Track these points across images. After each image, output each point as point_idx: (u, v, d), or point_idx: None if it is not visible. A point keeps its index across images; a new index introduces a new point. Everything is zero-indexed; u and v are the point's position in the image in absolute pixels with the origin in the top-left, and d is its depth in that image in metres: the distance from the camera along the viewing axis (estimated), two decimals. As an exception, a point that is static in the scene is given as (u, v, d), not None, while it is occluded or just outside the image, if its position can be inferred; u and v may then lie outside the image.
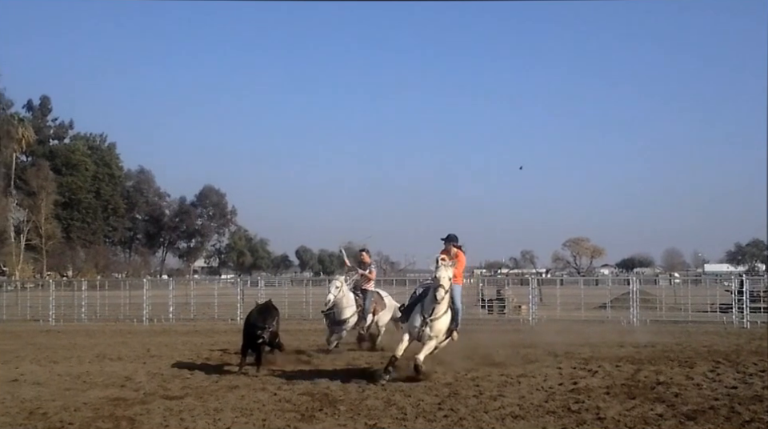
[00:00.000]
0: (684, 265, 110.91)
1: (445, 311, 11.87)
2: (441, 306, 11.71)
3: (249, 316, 13.19)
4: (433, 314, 11.72)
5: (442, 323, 11.88)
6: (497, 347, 16.37)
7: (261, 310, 13.20)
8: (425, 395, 10.36)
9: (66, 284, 33.00)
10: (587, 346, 16.59)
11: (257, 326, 12.53)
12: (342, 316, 15.92)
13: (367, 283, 16.69)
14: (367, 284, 16.69)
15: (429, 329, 11.71)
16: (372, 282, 16.91)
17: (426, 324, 11.71)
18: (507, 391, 10.66)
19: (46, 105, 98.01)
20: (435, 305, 11.65)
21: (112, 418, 9.04)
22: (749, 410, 9.13)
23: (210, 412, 9.35)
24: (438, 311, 11.74)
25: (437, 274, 11.63)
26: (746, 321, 23.67)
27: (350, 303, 16.07)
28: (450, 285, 11.84)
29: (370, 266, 16.91)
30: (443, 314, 11.84)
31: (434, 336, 11.78)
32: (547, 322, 24.73)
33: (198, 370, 12.95)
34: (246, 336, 12.85)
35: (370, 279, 16.74)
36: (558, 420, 8.70)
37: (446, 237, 12.61)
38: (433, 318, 11.72)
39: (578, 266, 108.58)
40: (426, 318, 11.73)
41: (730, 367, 12.90)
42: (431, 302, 11.70)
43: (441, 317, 11.82)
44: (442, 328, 11.92)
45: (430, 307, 11.73)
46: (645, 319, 24.77)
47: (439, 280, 11.56)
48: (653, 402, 9.68)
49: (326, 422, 8.71)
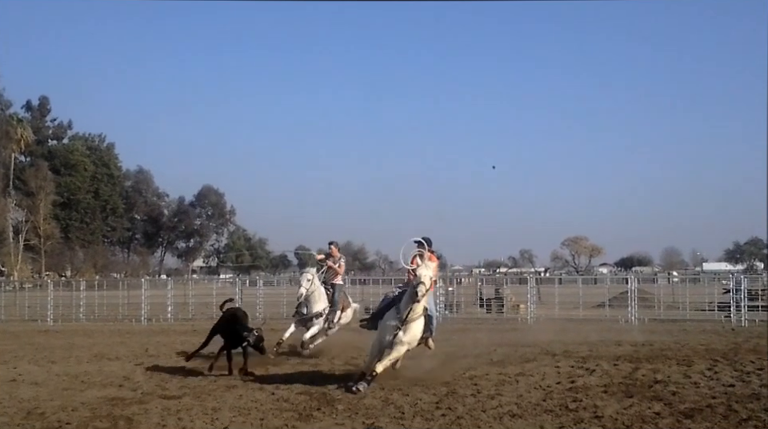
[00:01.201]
0: (683, 264, 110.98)
1: (420, 315, 11.10)
2: (419, 306, 10.94)
3: (228, 318, 12.83)
4: (409, 316, 10.90)
5: (417, 328, 11.10)
6: (495, 346, 16.42)
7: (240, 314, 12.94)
8: (423, 394, 10.35)
9: (65, 284, 32.98)
10: (585, 345, 16.61)
11: (243, 328, 12.29)
12: (313, 311, 15.43)
13: (335, 277, 16.23)
14: (336, 278, 16.23)
15: (403, 333, 10.91)
16: (340, 276, 16.46)
17: (400, 327, 10.91)
18: (505, 390, 10.67)
19: (44, 105, 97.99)
20: (413, 305, 10.83)
21: (110, 417, 9.04)
22: (746, 408, 9.14)
23: (207, 412, 9.35)
24: (415, 312, 10.95)
25: (418, 272, 10.86)
26: (743, 319, 23.69)
27: (322, 297, 15.61)
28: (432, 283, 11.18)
29: (339, 259, 16.44)
30: (419, 316, 11.08)
31: (406, 342, 11.00)
32: (545, 321, 24.75)
33: (195, 369, 12.92)
34: (229, 337, 12.44)
35: (338, 273, 16.29)
36: (556, 419, 8.71)
37: (419, 240, 11.97)
38: (408, 321, 10.92)
39: (577, 265, 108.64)
40: (401, 321, 10.92)
41: (728, 366, 12.90)
42: (409, 302, 10.88)
43: (417, 319, 11.05)
44: (416, 334, 11.15)
45: (407, 307, 10.89)
46: (643, 318, 24.81)
47: (420, 277, 10.77)
48: (650, 401, 9.69)
49: (323, 422, 8.71)
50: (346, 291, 17.20)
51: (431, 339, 11.83)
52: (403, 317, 10.88)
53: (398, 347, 10.95)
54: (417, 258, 11.44)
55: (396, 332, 10.91)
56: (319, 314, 15.46)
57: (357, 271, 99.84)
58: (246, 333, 12.17)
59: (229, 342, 12.44)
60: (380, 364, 10.82)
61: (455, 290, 32.46)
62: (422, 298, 10.75)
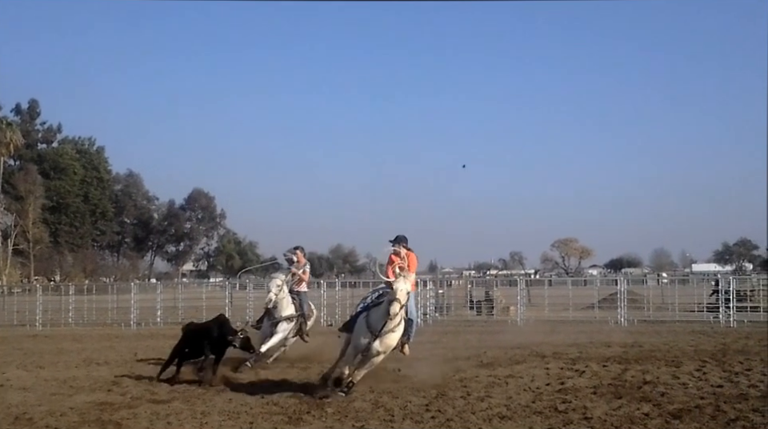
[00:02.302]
0: (672, 265, 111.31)
1: (398, 324, 10.56)
2: (394, 320, 10.37)
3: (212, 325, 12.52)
4: (384, 328, 10.38)
5: (393, 338, 10.62)
6: (485, 348, 16.46)
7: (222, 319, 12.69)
8: (412, 397, 10.37)
9: (54, 288, 32.96)
10: (575, 347, 16.69)
11: (227, 331, 12.12)
12: (283, 313, 14.59)
13: (300, 285, 15.41)
14: (300, 285, 15.42)
15: (378, 343, 10.46)
16: (305, 283, 15.64)
17: (376, 339, 10.43)
18: (494, 392, 10.69)
19: (34, 109, 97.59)
20: (387, 320, 10.27)
21: (98, 422, 9.02)
22: (734, 408, 9.18)
23: (196, 416, 9.34)
24: (389, 325, 10.38)
25: (395, 286, 10.27)
26: (732, 320, 23.80)
27: (290, 305, 14.79)
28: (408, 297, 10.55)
29: (304, 265, 15.60)
30: (396, 326, 10.54)
31: (382, 352, 10.56)
32: (535, 323, 24.84)
33: (185, 374, 12.87)
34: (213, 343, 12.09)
35: (303, 280, 15.47)
36: (545, 420, 8.73)
37: (394, 238, 11.65)
38: (384, 332, 10.43)
39: (567, 267, 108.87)
40: (376, 333, 10.44)
41: (716, 366, 12.97)
42: (383, 317, 10.33)
43: (394, 330, 10.54)
44: (391, 344, 10.66)
45: (381, 321, 10.38)
46: (632, 319, 24.92)
47: (396, 293, 10.17)
48: (639, 402, 9.72)
49: (313, 425, 8.71)
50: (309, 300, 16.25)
51: (407, 345, 11.21)
52: (378, 329, 10.38)
53: (373, 357, 10.55)
54: (394, 268, 10.99)
55: (370, 342, 10.45)
56: (290, 318, 14.72)
57: (347, 274, 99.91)
58: (231, 337, 12.02)
59: (212, 350, 12.06)
60: (358, 373, 10.57)
61: (445, 292, 32.54)
62: (395, 315, 10.20)
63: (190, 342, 12.44)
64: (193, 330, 12.70)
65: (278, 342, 14.51)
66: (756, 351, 15.27)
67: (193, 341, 12.39)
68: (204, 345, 12.09)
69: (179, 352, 12.50)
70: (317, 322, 16.68)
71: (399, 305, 10.13)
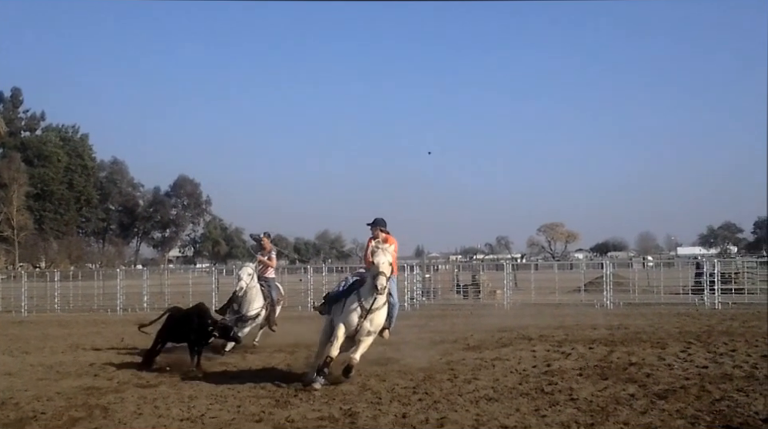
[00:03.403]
0: (657, 248, 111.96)
1: (384, 303, 10.30)
2: (382, 296, 10.11)
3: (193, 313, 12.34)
4: (374, 305, 10.11)
5: (381, 316, 10.33)
6: (471, 331, 16.51)
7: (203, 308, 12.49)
8: (400, 380, 10.39)
9: (39, 275, 32.79)
10: (561, 329, 16.76)
11: (209, 319, 12.02)
12: (250, 310, 14.24)
13: (267, 271, 15.22)
14: (267, 271, 15.23)
15: (369, 323, 10.16)
16: (272, 269, 15.50)
17: (366, 317, 10.13)
18: (481, 374, 10.73)
19: (17, 97, 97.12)
20: (376, 295, 10.00)
21: (85, 407, 8.99)
22: (719, 388, 9.25)
23: (184, 400, 9.32)
24: (378, 302, 10.14)
25: (375, 260, 9.99)
26: (717, 302, 23.95)
27: (259, 295, 14.43)
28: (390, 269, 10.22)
29: (270, 252, 15.50)
30: (383, 305, 10.29)
31: (373, 331, 10.26)
32: (522, 307, 24.94)
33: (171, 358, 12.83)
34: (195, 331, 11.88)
35: (270, 266, 15.32)
36: (532, 402, 8.76)
37: (372, 222, 11.32)
38: (374, 309, 10.13)
39: (553, 251, 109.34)
40: (365, 310, 10.11)
41: (701, 348, 13.05)
42: (370, 292, 10.05)
43: (381, 308, 10.26)
44: (380, 322, 10.37)
45: (371, 298, 10.08)
46: (618, 302, 25.04)
47: (379, 267, 9.89)
48: (625, 383, 9.78)
49: (300, 408, 8.71)
50: (278, 284, 16.06)
51: (387, 330, 10.82)
52: (368, 307, 10.08)
53: (365, 338, 10.20)
54: (371, 243, 10.63)
55: (361, 322, 10.13)
56: (256, 316, 14.37)
57: (333, 260, 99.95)
58: (210, 327, 11.90)
59: (193, 339, 11.90)
60: (355, 354, 10.08)
61: (432, 276, 32.60)
62: (384, 289, 9.87)
63: (173, 328, 12.32)
64: (175, 316, 12.56)
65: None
66: (740, 333, 15.37)
67: (176, 327, 12.26)
68: (187, 333, 11.97)
69: (163, 337, 12.39)
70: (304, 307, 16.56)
71: (385, 277, 9.85)
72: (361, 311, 10.14)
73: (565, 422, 7.73)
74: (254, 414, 8.34)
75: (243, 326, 14.05)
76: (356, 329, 10.17)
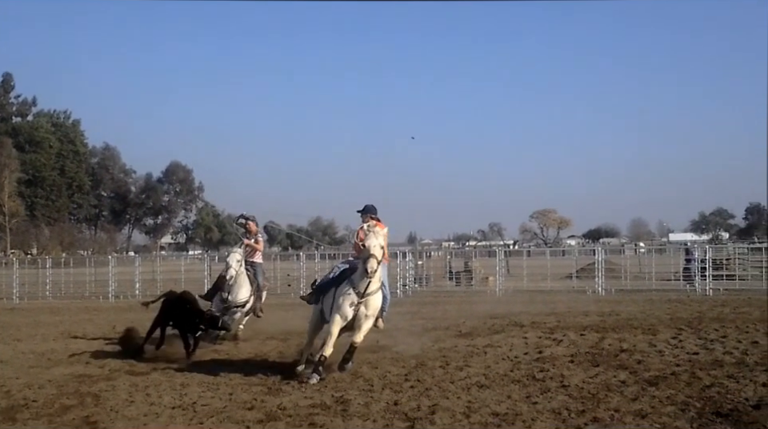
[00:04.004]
0: (649, 234, 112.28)
1: (379, 287, 10.05)
2: (374, 280, 9.79)
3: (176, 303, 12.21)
4: (368, 289, 9.82)
5: (377, 300, 10.05)
6: (463, 318, 16.54)
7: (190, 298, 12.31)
8: (392, 367, 10.40)
9: (30, 262, 32.71)
10: (553, 316, 16.80)
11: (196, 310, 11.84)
12: (238, 298, 13.78)
13: (254, 255, 14.83)
14: (254, 256, 14.83)
15: (365, 307, 9.86)
16: (259, 253, 15.11)
17: (361, 302, 9.83)
18: (473, 361, 10.73)
19: (8, 82, 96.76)
20: (368, 280, 9.70)
21: (77, 394, 8.98)
22: (709, 375, 9.28)
23: (176, 387, 9.32)
24: (372, 287, 9.85)
25: (366, 243, 9.72)
26: (708, 289, 24.04)
27: (246, 282, 13.97)
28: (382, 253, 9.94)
29: (256, 235, 15.04)
30: (377, 289, 10.01)
31: (370, 315, 9.96)
32: (514, 293, 25.01)
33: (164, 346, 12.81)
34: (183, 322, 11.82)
35: (257, 250, 14.93)
36: (523, 389, 8.78)
37: (362, 209, 11.24)
38: (368, 294, 9.84)
39: (546, 238, 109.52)
40: (360, 295, 9.81)
41: (692, 334, 13.08)
42: (362, 277, 9.74)
43: (376, 292, 9.99)
44: (377, 306, 10.08)
45: (363, 282, 9.79)
46: (610, 289, 25.12)
47: (369, 249, 9.63)
48: (616, 369, 9.80)
49: (292, 395, 8.71)
50: (264, 269, 15.72)
51: (381, 319, 10.60)
52: (362, 291, 9.79)
53: (363, 322, 9.90)
54: (362, 229, 10.47)
55: (357, 307, 9.83)
56: (245, 303, 13.94)
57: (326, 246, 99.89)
58: (198, 319, 11.68)
59: (183, 327, 11.84)
60: (357, 336, 9.91)
61: (424, 263, 32.64)
62: (374, 272, 9.58)
63: (169, 314, 12.19)
64: (171, 300, 12.42)
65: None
66: (731, 319, 15.42)
67: (171, 313, 12.15)
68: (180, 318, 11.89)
69: (160, 323, 12.27)
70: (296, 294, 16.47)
71: (376, 261, 9.56)
72: (354, 299, 9.82)
73: (556, 408, 7.75)
74: (246, 402, 8.34)
75: (234, 313, 13.77)
76: (353, 317, 9.86)
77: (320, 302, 10.56)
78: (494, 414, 7.56)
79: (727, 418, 7.22)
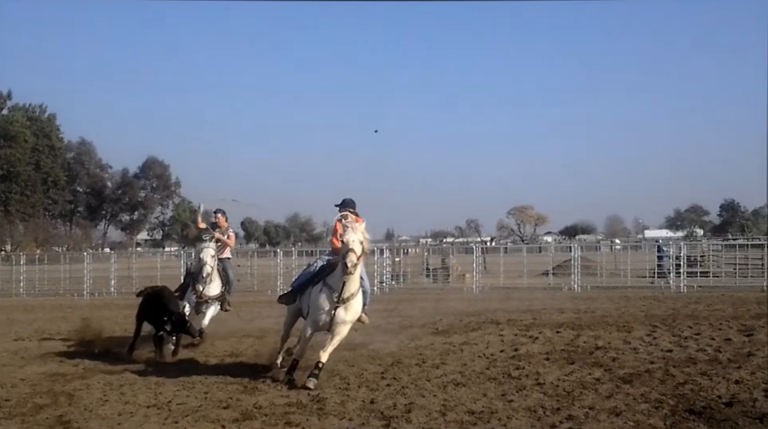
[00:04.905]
0: (625, 231, 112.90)
1: (359, 288, 9.47)
2: (354, 278, 9.23)
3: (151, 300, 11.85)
4: (344, 292, 9.23)
5: (358, 303, 9.50)
6: (440, 315, 16.58)
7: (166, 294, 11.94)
8: (368, 365, 10.42)
9: (4, 258, 32.43)
10: (529, 313, 16.89)
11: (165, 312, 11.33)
12: (210, 293, 13.15)
13: (223, 251, 13.98)
14: (224, 252, 14.05)
15: (344, 311, 9.32)
16: (229, 249, 14.35)
17: (340, 306, 9.27)
18: (449, 359, 10.78)
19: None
20: (346, 278, 9.11)
21: (50, 393, 8.92)
22: (683, 372, 9.37)
23: (151, 386, 9.27)
24: (351, 287, 9.27)
25: (345, 238, 9.10)
26: (683, 285, 24.25)
27: (217, 278, 13.38)
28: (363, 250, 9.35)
29: (227, 230, 14.32)
30: (358, 290, 9.45)
31: (349, 321, 9.45)
32: (490, 290, 25.10)
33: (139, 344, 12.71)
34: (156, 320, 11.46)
35: (227, 245, 14.18)
36: (499, 386, 8.82)
37: (340, 202, 10.63)
38: (347, 297, 9.29)
39: (522, 234, 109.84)
40: (338, 298, 9.24)
41: (666, 331, 13.20)
42: (341, 276, 9.16)
43: (357, 294, 9.43)
44: (358, 310, 9.54)
45: (341, 282, 9.21)
46: (586, 285, 25.27)
47: (349, 244, 9.02)
48: (591, 367, 9.88)
49: (268, 394, 8.70)
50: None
51: (364, 313, 10.07)
52: (340, 295, 9.22)
53: (341, 328, 9.40)
54: (340, 224, 9.91)
55: (334, 312, 9.28)
56: (216, 298, 13.33)
57: (304, 243, 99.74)
58: (165, 318, 11.27)
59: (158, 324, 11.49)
60: (324, 352, 9.31)
61: (402, 260, 32.67)
62: (354, 268, 9.03)
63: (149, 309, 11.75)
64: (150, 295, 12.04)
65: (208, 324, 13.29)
66: (705, 316, 15.58)
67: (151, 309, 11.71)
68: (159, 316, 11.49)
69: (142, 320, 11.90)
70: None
71: (355, 256, 8.98)
72: (331, 303, 9.27)
73: (531, 406, 7.79)
74: (222, 401, 8.31)
75: (206, 307, 13.20)
76: (329, 319, 9.32)
77: (297, 301, 10.19)
78: (470, 413, 7.59)
79: (700, 416, 7.30)
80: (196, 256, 13.46)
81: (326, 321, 9.32)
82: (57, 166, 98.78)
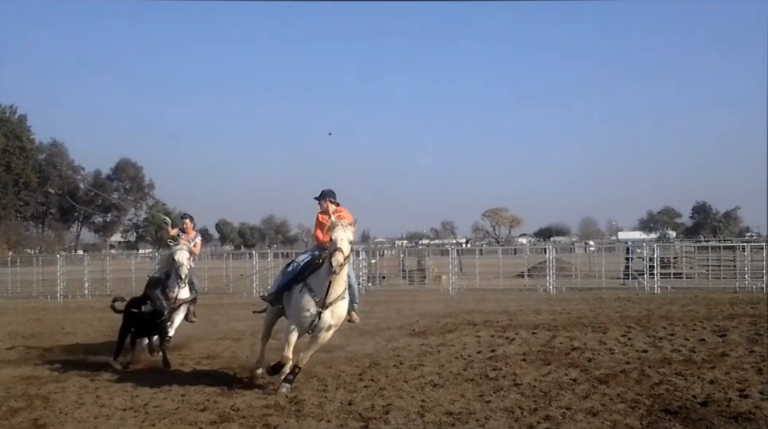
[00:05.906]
0: (599, 233, 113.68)
1: (345, 289, 9.00)
2: (340, 280, 8.78)
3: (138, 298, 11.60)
4: (330, 293, 8.78)
5: (343, 307, 9.07)
6: (417, 317, 16.60)
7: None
8: (345, 366, 10.43)
9: (-25, 261, 31.97)
10: (505, 314, 16.96)
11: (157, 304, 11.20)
12: (182, 296, 12.72)
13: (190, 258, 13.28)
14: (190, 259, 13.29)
15: (329, 314, 8.88)
16: (195, 256, 13.81)
17: (324, 309, 8.83)
18: (427, 361, 10.80)
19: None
20: (332, 278, 8.65)
21: (25, 397, 8.83)
22: (658, 372, 9.47)
23: (127, 389, 9.20)
24: (337, 289, 8.83)
25: (334, 236, 8.59)
26: (656, 287, 24.45)
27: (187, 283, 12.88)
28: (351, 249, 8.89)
29: (195, 237, 13.93)
30: (344, 291, 9.00)
31: (333, 325, 9.00)
32: (466, 292, 25.17)
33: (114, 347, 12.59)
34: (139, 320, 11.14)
35: (194, 253, 13.58)
36: (476, 387, 8.85)
37: (319, 194, 9.95)
38: (332, 300, 8.86)
39: (497, 236, 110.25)
40: (321, 300, 8.82)
41: (641, 332, 13.33)
42: (326, 276, 8.70)
43: (343, 295, 8.99)
44: (343, 313, 9.10)
45: (325, 283, 8.76)
46: (561, 287, 25.40)
47: (336, 242, 8.52)
48: (567, 368, 9.95)
49: (246, 396, 8.67)
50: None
51: (354, 312, 9.75)
52: (324, 297, 8.79)
53: (323, 333, 9.00)
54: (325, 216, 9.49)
55: (318, 315, 8.86)
56: (187, 301, 12.91)
57: (279, 245, 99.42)
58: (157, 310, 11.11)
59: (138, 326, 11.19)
60: (305, 355, 9.07)
61: (378, 262, 32.67)
62: (341, 267, 8.54)
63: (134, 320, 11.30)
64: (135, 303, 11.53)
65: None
66: (679, 317, 15.74)
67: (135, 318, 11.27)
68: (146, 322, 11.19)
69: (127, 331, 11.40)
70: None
71: (343, 255, 8.49)
72: (315, 306, 8.84)
73: (509, 407, 7.83)
74: (199, 404, 8.27)
75: (177, 314, 12.64)
76: (312, 323, 8.90)
77: (280, 302, 9.75)
78: (448, 414, 7.61)
79: (676, 416, 7.37)
80: (169, 258, 13.01)
81: (310, 321, 8.90)
82: (28, 167, 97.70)
